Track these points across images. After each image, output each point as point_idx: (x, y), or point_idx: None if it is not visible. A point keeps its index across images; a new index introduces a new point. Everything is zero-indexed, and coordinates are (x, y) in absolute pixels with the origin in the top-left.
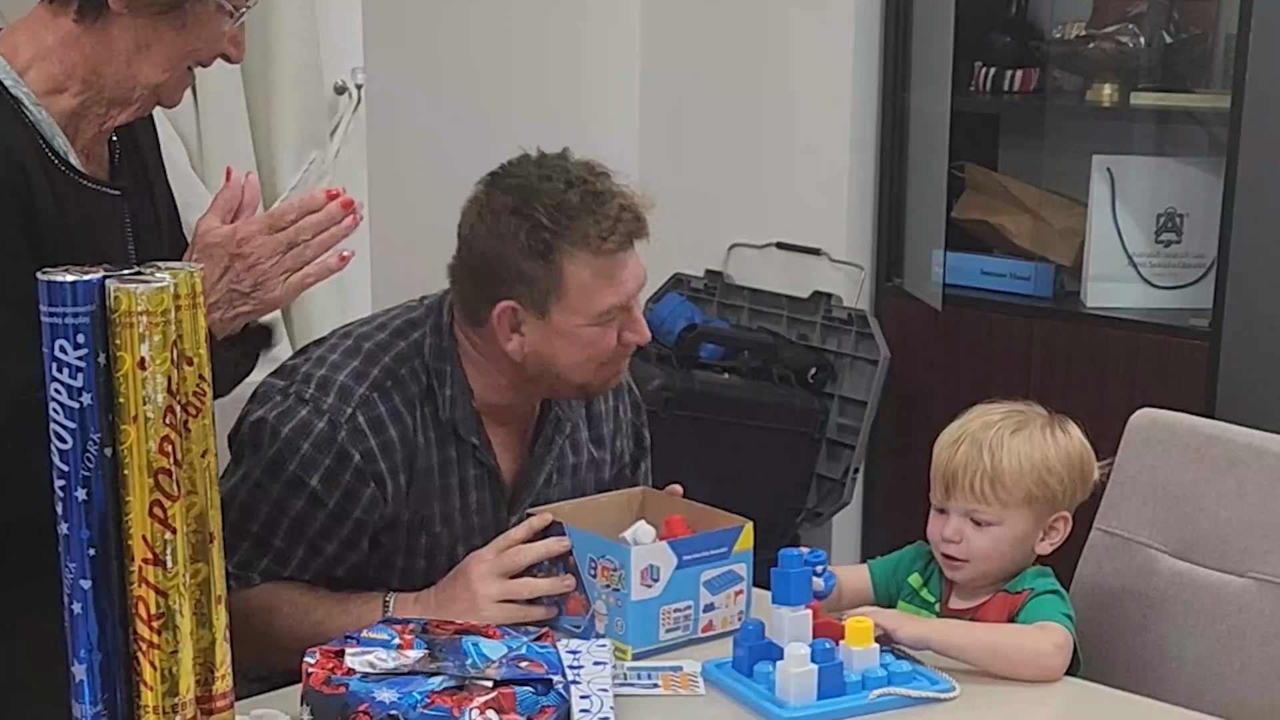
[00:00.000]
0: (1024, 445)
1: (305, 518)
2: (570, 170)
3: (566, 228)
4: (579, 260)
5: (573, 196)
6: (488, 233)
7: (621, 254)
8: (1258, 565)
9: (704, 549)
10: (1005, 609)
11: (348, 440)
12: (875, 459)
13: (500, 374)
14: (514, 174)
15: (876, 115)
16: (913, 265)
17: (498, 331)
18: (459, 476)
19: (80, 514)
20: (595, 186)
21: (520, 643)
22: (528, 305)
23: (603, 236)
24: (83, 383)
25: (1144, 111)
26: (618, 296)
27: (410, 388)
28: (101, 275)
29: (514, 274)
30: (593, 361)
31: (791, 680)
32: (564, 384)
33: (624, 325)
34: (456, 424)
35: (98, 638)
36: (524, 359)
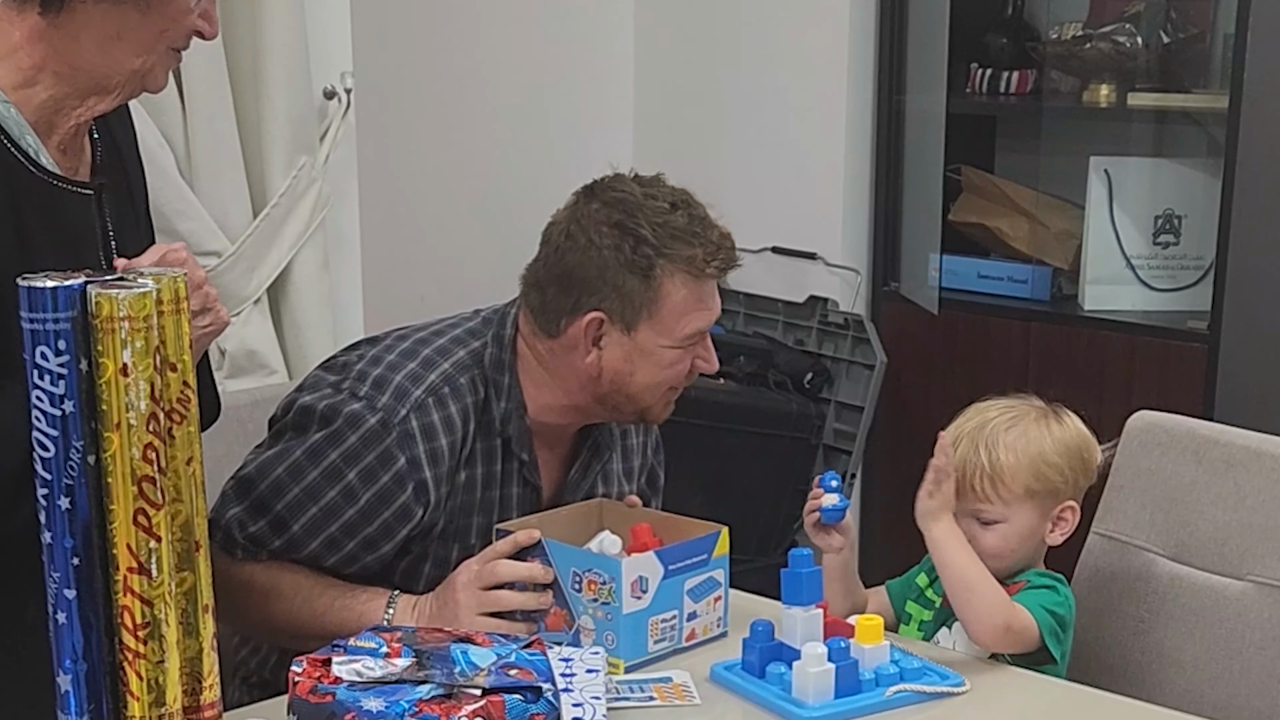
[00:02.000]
0: (1019, 439)
1: (333, 510)
2: (674, 193)
3: (670, 246)
4: (677, 280)
5: (679, 218)
6: (587, 243)
7: (712, 280)
8: (1256, 568)
9: (687, 557)
10: None
11: (396, 443)
12: (873, 464)
13: (563, 391)
14: (616, 188)
15: (872, 118)
16: (909, 269)
17: (579, 343)
18: (501, 492)
19: (64, 523)
20: (695, 212)
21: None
22: (616, 319)
23: (706, 260)
24: (65, 390)
25: (1141, 112)
26: (703, 322)
27: (467, 397)
28: (83, 281)
29: (609, 286)
30: (664, 385)
31: (810, 680)
32: (630, 405)
33: (698, 354)
34: (510, 438)
35: (83, 648)
36: (599, 374)
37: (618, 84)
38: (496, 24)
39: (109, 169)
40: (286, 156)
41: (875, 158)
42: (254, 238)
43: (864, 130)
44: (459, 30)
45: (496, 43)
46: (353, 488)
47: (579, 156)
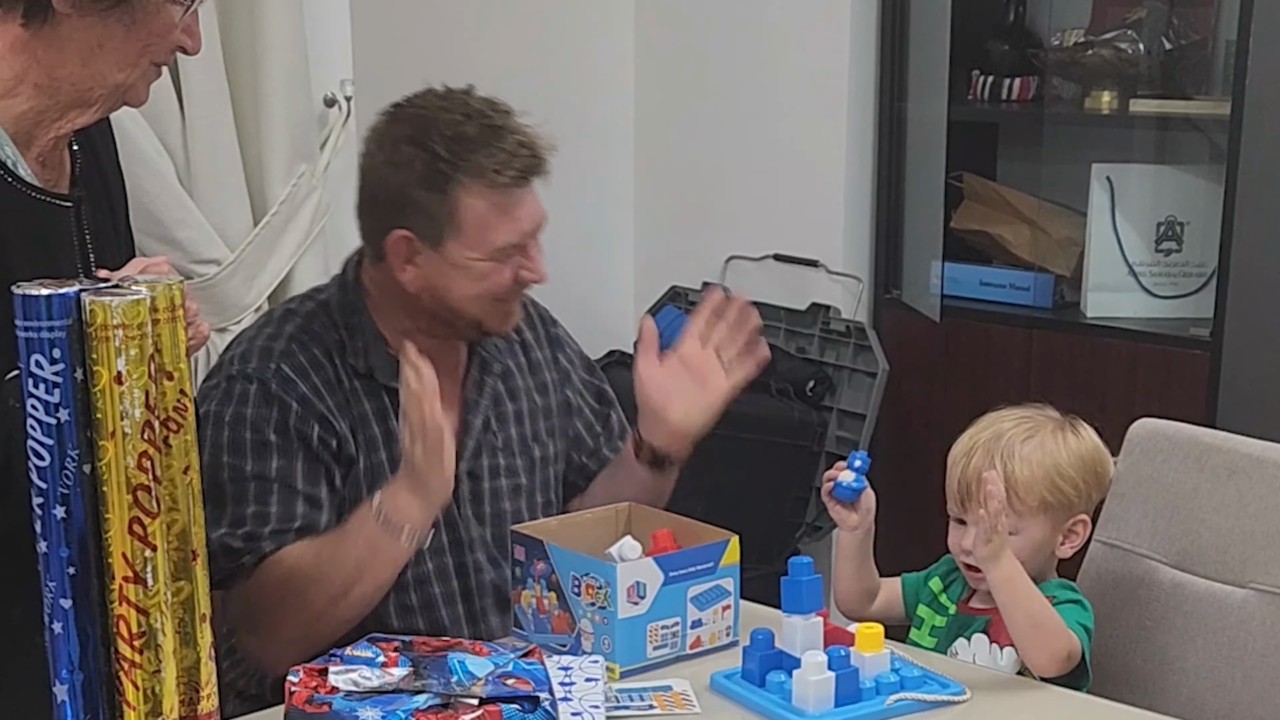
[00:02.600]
0: (1035, 452)
1: (288, 472)
2: (471, 104)
3: (463, 159)
4: (474, 193)
5: (470, 129)
6: (385, 161)
7: (517, 190)
8: (1259, 576)
9: (690, 564)
10: None
11: (280, 391)
12: (875, 472)
13: (404, 313)
14: (415, 104)
15: (873, 125)
16: (911, 277)
17: (393, 261)
18: (397, 423)
19: (59, 532)
20: (494, 121)
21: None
22: (423, 236)
23: (497, 169)
24: (59, 398)
25: (1143, 119)
26: (513, 234)
27: (325, 340)
28: (77, 289)
29: (410, 203)
30: (486, 297)
31: (810, 688)
32: (459, 319)
33: (520, 264)
34: (374, 370)
35: (79, 658)
36: (419, 291)
37: (619, 92)
38: (496, 33)
39: (88, 181)
40: (286, 164)
41: (877, 165)
42: (254, 246)
43: (865, 137)
44: (459, 38)
45: (496, 51)
46: (280, 445)
47: (580, 166)
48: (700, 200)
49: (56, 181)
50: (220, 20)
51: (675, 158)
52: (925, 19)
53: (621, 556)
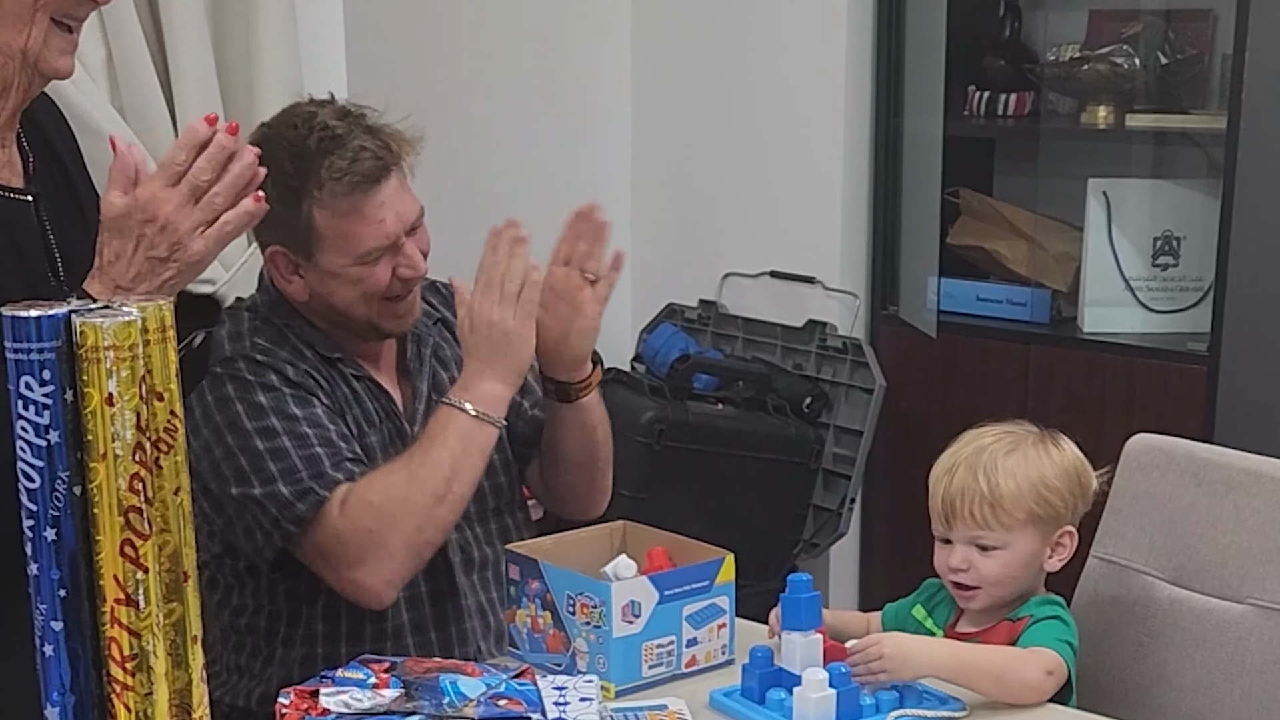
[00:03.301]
0: (1019, 465)
1: (312, 415)
2: (318, 115)
3: (305, 173)
4: (324, 205)
5: (311, 142)
6: None
7: (365, 195)
8: (1256, 591)
9: (685, 583)
10: (1008, 637)
11: (267, 359)
12: (872, 489)
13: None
14: (271, 123)
15: (870, 141)
16: (908, 292)
17: (275, 276)
18: (349, 390)
19: (50, 554)
20: (335, 130)
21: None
22: (294, 250)
23: (336, 178)
24: (50, 420)
25: (1140, 133)
26: (375, 238)
27: (276, 325)
28: (67, 310)
29: (273, 221)
30: (370, 299)
31: (812, 706)
32: (352, 322)
33: (397, 261)
34: (314, 343)
35: (70, 680)
36: (308, 299)
37: (616, 109)
38: (492, 48)
39: (46, 179)
40: None
41: (873, 181)
42: (247, 266)
43: (862, 153)
44: (453, 52)
45: (492, 67)
46: (291, 395)
47: (576, 182)
48: (696, 217)
49: (9, 179)
50: (214, 32)
51: (671, 174)
52: (921, 34)
53: (616, 575)
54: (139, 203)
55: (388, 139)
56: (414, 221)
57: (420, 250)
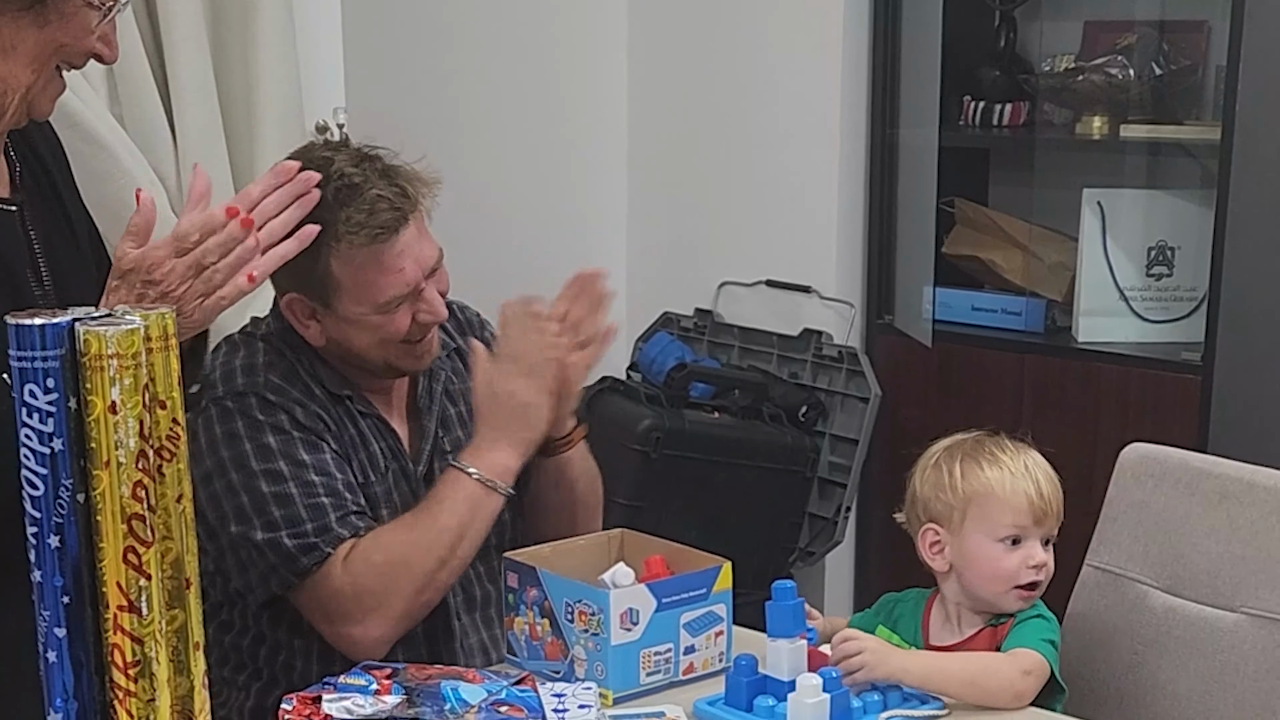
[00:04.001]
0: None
1: (320, 462)
2: (334, 163)
3: (324, 225)
4: (343, 255)
5: (328, 193)
6: None
7: (387, 244)
8: (1250, 600)
9: (683, 591)
10: (991, 643)
11: (278, 398)
12: (867, 497)
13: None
14: None
15: (865, 151)
16: (903, 302)
17: (293, 321)
18: (357, 430)
19: (53, 561)
20: (352, 180)
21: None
22: (312, 297)
23: (356, 229)
24: (54, 428)
25: (1134, 144)
26: (395, 288)
27: (288, 358)
28: (71, 319)
29: (291, 268)
30: (388, 343)
31: (808, 711)
32: (370, 364)
33: (417, 308)
34: (324, 381)
35: (73, 686)
36: (325, 344)
37: (611, 117)
38: (489, 60)
39: (33, 190)
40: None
41: (869, 191)
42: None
43: (858, 163)
44: (451, 64)
45: (490, 78)
46: (301, 440)
47: (573, 191)
48: (692, 226)
49: None
50: (213, 47)
51: (668, 183)
52: (916, 45)
53: (614, 583)
54: (146, 263)
55: (405, 184)
56: (433, 265)
57: (440, 291)
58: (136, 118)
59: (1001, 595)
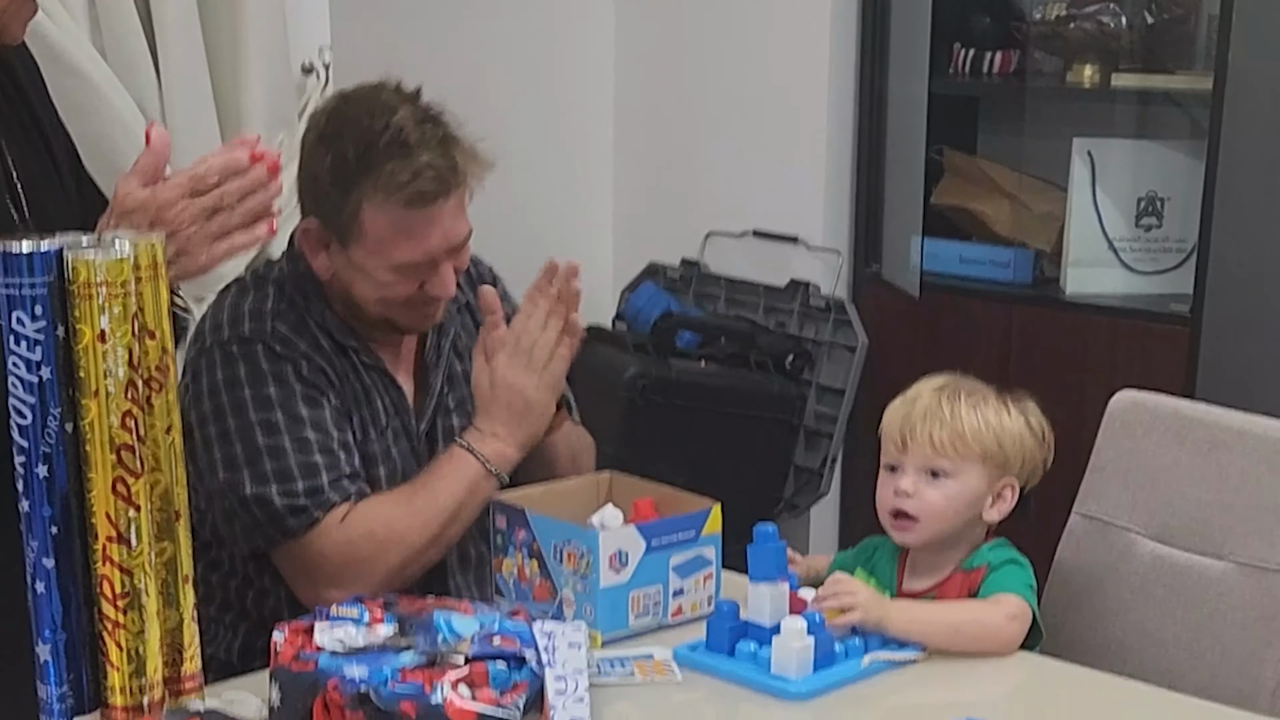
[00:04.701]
0: (983, 406)
1: (319, 419)
2: (398, 114)
3: (366, 170)
4: (376, 205)
5: (382, 140)
6: (309, 154)
7: (421, 210)
8: (1238, 548)
9: (672, 532)
10: (965, 588)
11: (284, 349)
12: (853, 449)
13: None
14: (350, 100)
15: (854, 100)
16: (890, 252)
17: (304, 247)
18: (361, 384)
19: (41, 491)
20: (409, 138)
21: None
22: (330, 230)
23: (398, 186)
24: (41, 356)
25: (1125, 93)
26: (415, 254)
27: (290, 316)
28: (59, 245)
29: (320, 198)
30: (389, 303)
31: (793, 655)
32: (365, 313)
33: (428, 279)
34: (331, 331)
35: (62, 617)
36: (330, 279)
37: (599, 68)
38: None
39: (6, 111)
40: (264, 132)
41: (857, 140)
42: None
43: (846, 112)
44: (439, 6)
45: (477, 21)
46: (302, 394)
47: (558, 141)
48: (679, 176)
49: None
50: None
51: (654, 132)
52: None
53: (603, 525)
54: (156, 202)
55: (458, 157)
56: (459, 244)
57: (456, 269)
58: (118, 51)
59: (885, 524)
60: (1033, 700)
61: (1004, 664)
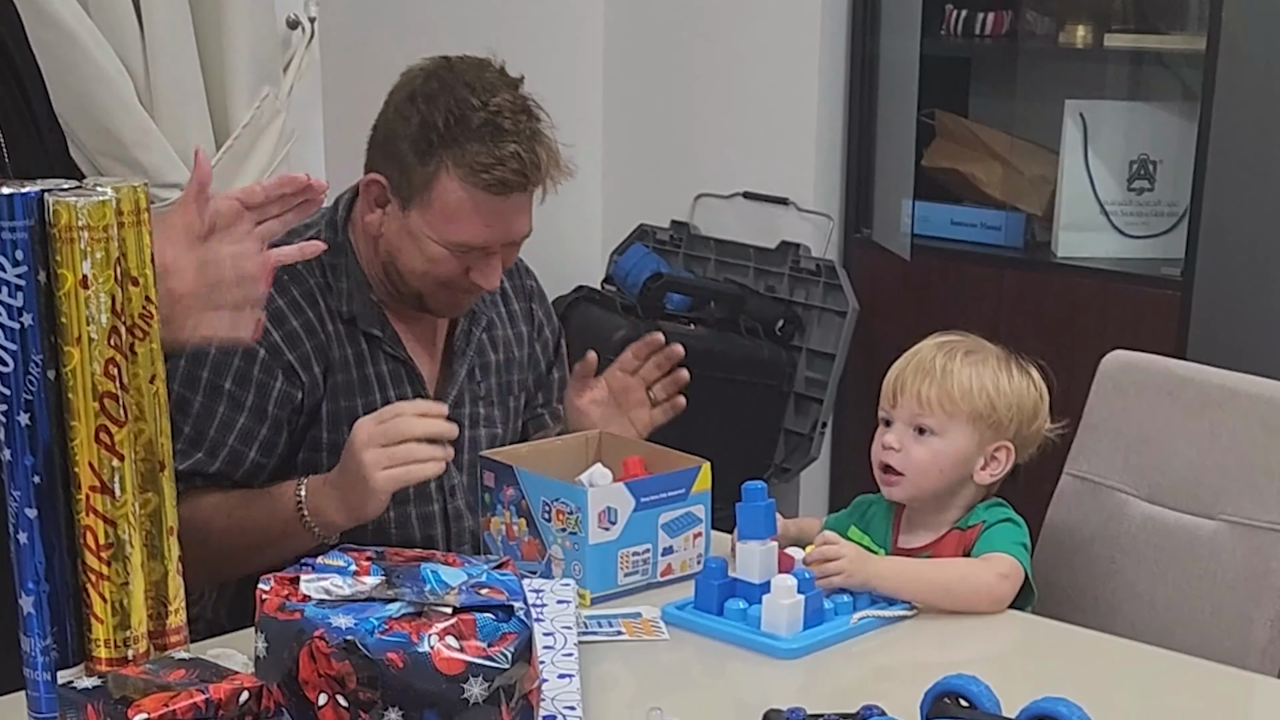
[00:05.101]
0: (979, 366)
1: (226, 424)
2: (497, 96)
3: (453, 141)
4: (453, 177)
5: (476, 117)
6: (394, 108)
7: (497, 197)
8: (1229, 508)
9: (662, 490)
10: (959, 546)
11: (267, 327)
12: (843, 413)
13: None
14: (453, 67)
15: (845, 61)
16: (881, 215)
17: (363, 199)
18: (375, 371)
19: (23, 440)
20: (502, 123)
21: (481, 570)
22: (394, 189)
23: (479, 169)
24: (23, 302)
25: (1118, 54)
26: (475, 237)
27: (307, 281)
28: (40, 188)
29: (395, 155)
30: (431, 278)
31: (784, 612)
32: (404, 285)
33: (475, 266)
34: (355, 316)
35: (45, 569)
36: (378, 236)
37: (588, 27)
38: None
39: None
40: (249, 87)
41: (848, 101)
42: (217, 170)
43: (837, 73)
44: None
45: None
46: (234, 394)
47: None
48: (669, 137)
49: None
50: None
51: (644, 93)
52: None
53: (592, 483)
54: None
55: (543, 155)
56: (518, 240)
57: (505, 263)
58: (102, 6)
59: (877, 476)
60: (1023, 658)
61: (994, 622)
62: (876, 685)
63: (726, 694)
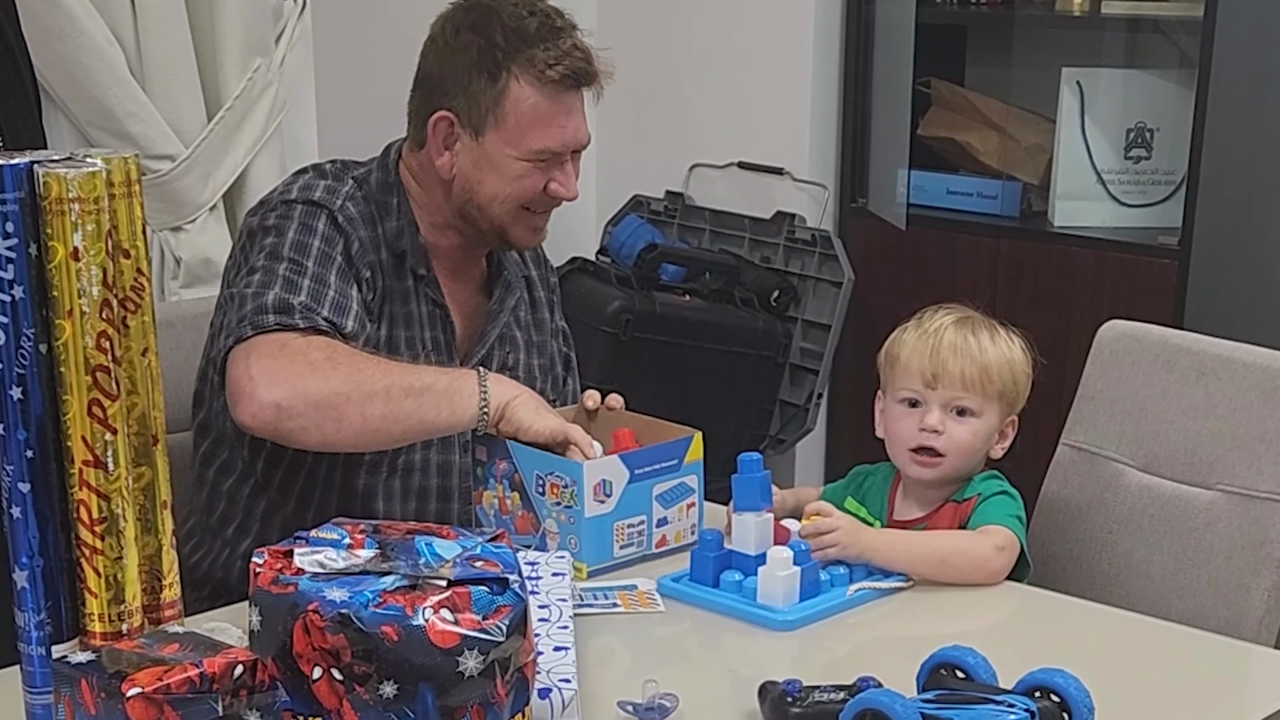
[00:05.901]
0: (1001, 343)
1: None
2: (537, 4)
3: (518, 50)
4: (524, 84)
5: (531, 24)
6: (444, 45)
7: (566, 94)
8: (1226, 477)
9: (655, 461)
10: (955, 518)
11: (346, 225)
12: (839, 384)
13: (435, 205)
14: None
15: (840, 29)
16: (877, 185)
17: (431, 143)
18: (416, 309)
19: (16, 414)
20: (555, 22)
21: (475, 543)
22: (465, 122)
23: (549, 64)
24: (14, 274)
25: (1115, 22)
26: (553, 139)
27: (367, 208)
28: (29, 160)
29: (459, 87)
30: (514, 200)
31: (780, 584)
32: (484, 219)
33: (553, 176)
34: (404, 252)
35: (38, 544)
36: (452, 178)
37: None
38: None
39: None
40: (241, 57)
41: (843, 70)
42: (209, 142)
43: (832, 42)
44: None
45: None
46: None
47: None
48: (663, 106)
49: None
50: None
51: (637, 61)
52: None
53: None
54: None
55: (593, 51)
56: (585, 143)
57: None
58: None
59: (902, 459)
60: (1019, 630)
61: (991, 594)
62: (872, 657)
63: (722, 666)
